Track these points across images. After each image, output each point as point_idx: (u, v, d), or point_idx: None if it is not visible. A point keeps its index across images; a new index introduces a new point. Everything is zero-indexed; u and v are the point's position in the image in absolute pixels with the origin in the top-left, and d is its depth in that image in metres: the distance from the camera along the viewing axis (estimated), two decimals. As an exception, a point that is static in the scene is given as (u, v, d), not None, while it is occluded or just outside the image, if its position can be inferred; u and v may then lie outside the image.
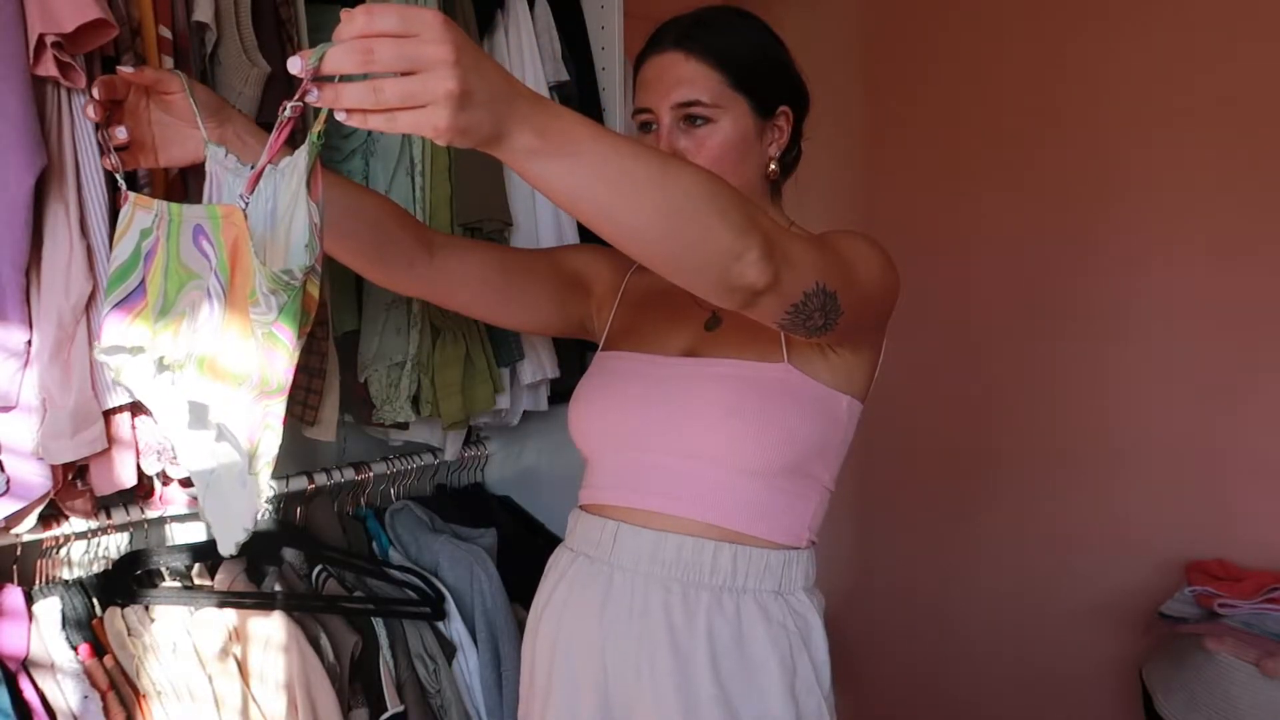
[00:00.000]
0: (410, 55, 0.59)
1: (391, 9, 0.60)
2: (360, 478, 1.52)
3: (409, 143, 1.42)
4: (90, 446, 1.03)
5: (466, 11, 1.47)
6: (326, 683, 1.24)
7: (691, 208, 0.74)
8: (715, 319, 1.10)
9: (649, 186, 0.72)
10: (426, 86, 0.60)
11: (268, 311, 0.71)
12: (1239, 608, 1.80)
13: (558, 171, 0.69)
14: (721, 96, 1.04)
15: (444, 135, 0.62)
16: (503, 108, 0.64)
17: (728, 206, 0.76)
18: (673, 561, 1.02)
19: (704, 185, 0.75)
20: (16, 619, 1.15)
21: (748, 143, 1.06)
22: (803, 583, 1.06)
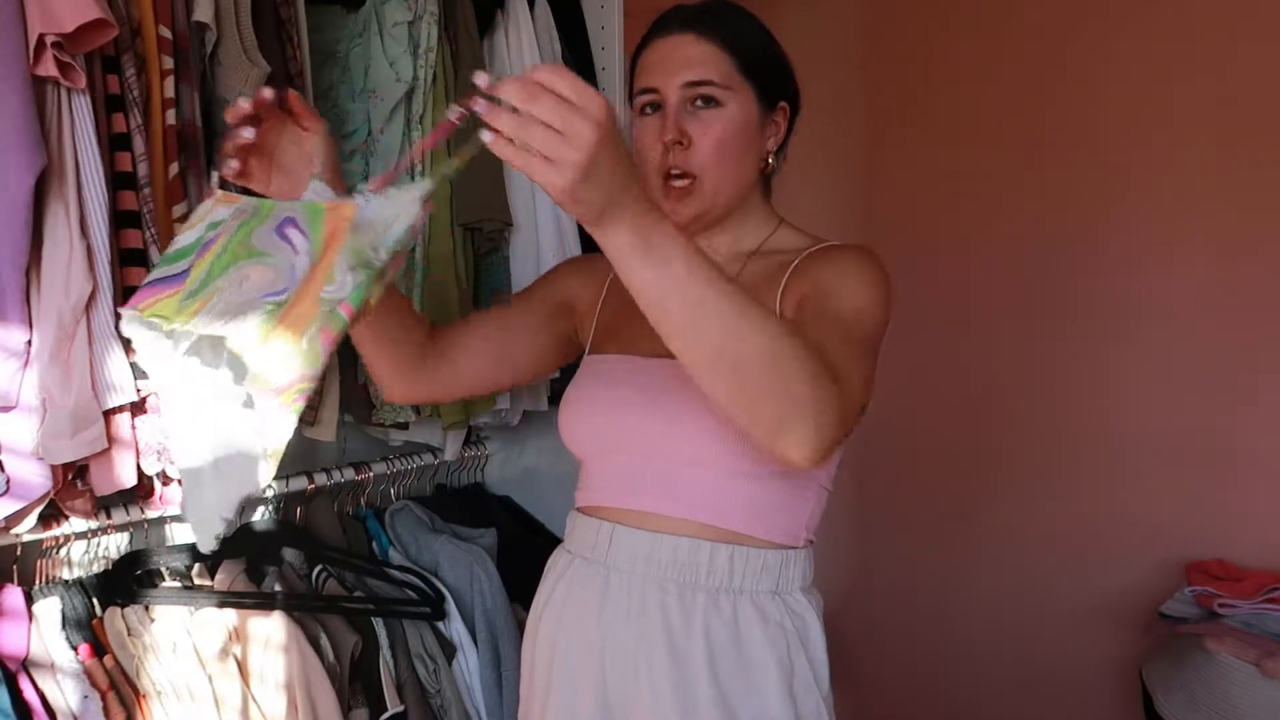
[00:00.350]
0: (564, 117, 0.66)
1: (573, 78, 0.67)
2: (360, 478, 1.52)
3: (408, 143, 1.42)
4: (90, 446, 1.03)
5: (467, 11, 1.47)
6: (326, 683, 1.24)
7: (759, 365, 0.76)
8: None
9: (721, 323, 0.75)
10: (564, 147, 0.66)
11: (340, 290, 0.72)
12: (1239, 608, 1.80)
13: (644, 275, 0.74)
14: (732, 79, 1.01)
15: (559, 195, 0.69)
16: (616, 198, 0.70)
17: (795, 378, 0.76)
18: (669, 562, 1.02)
19: (779, 345, 0.76)
20: (16, 619, 1.15)
21: (751, 131, 1.04)
22: (800, 583, 1.05)
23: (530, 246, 1.55)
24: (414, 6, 1.40)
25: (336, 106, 1.45)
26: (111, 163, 1.07)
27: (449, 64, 1.45)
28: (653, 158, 1.02)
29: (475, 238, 1.50)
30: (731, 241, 1.10)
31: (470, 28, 1.47)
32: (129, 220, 1.08)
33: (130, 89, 1.08)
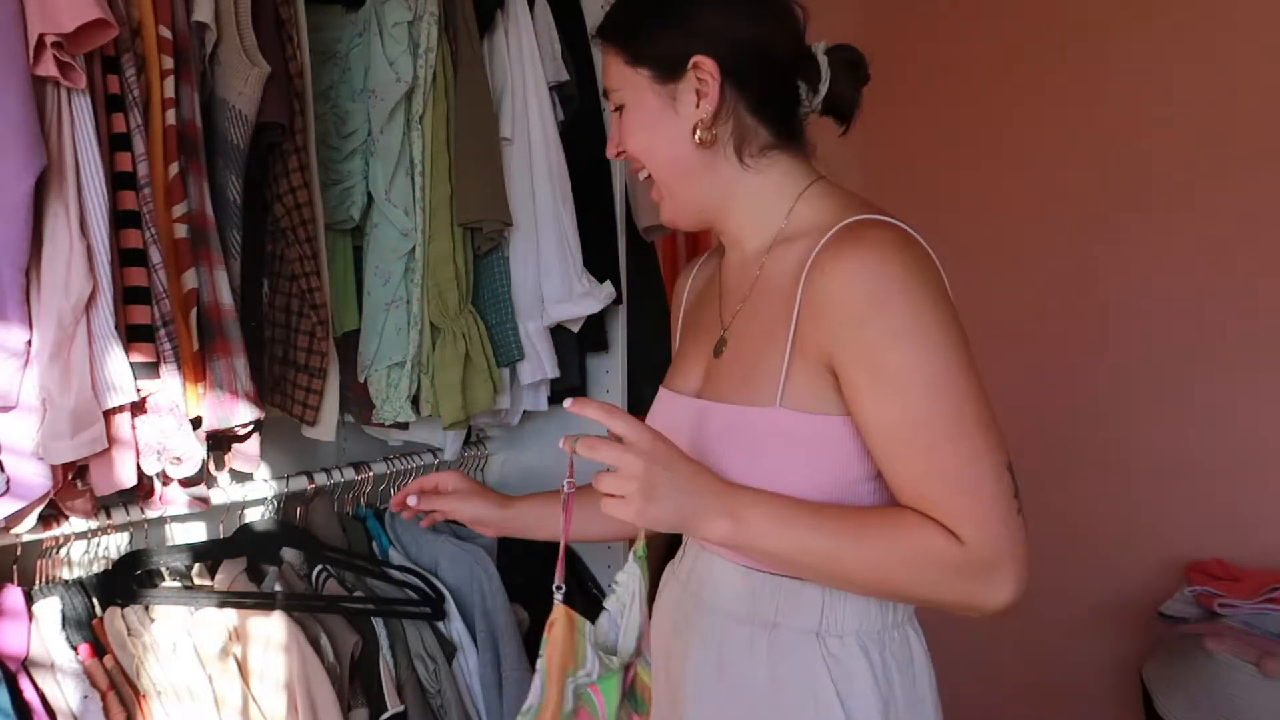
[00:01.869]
0: (618, 458, 0.81)
1: (623, 419, 0.82)
2: (360, 478, 1.52)
3: (408, 143, 1.42)
4: (90, 446, 1.03)
5: (467, 11, 1.47)
6: (327, 682, 1.24)
7: (891, 589, 0.87)
8: (722, 341, 0.99)
9: (835, 575, 0.87)
10: (624, 483, 0.81)
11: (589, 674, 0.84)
12: (1239, 608, 1.80)
13: (753, 554, 0.88)
14: (623, 76, 0.95)
15: (637, 521, 0.81)
16: (686, 508, 0.82)
17: (931, 586, 0.83)
18: (691, 579, 1.02)
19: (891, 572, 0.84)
20: (16, 619, 1.15)
21: (653, 116, 0.94)
22: (855, 625, 0.92)
23: (530, 246, 1.55)
24: (414, 6, 1.40)
25: (336, 106, 1.45)
26: (111, 163, 1.07)
27: (449, 64, 1.45)
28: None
29: (475, 238, 1.50)
30: (750, 232, 0.98)
31: (470, 28, 1.47)
32: (129, 220, 1.08)
33: (130, 89, 1.08)
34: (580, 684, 0.83)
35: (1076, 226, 2.20)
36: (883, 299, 0.82)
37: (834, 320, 0.84)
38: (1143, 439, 2.12)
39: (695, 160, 0.94)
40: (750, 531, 0.83)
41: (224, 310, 1.18)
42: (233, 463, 1.27)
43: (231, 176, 1.20)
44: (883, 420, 0.83)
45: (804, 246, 0.90)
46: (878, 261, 0.83)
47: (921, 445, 0.81)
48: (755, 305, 0.95)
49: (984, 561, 0.80)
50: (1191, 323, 2.04)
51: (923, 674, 0.96)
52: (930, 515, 0.81)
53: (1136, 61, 2.09)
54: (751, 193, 0.96)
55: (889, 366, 0.81)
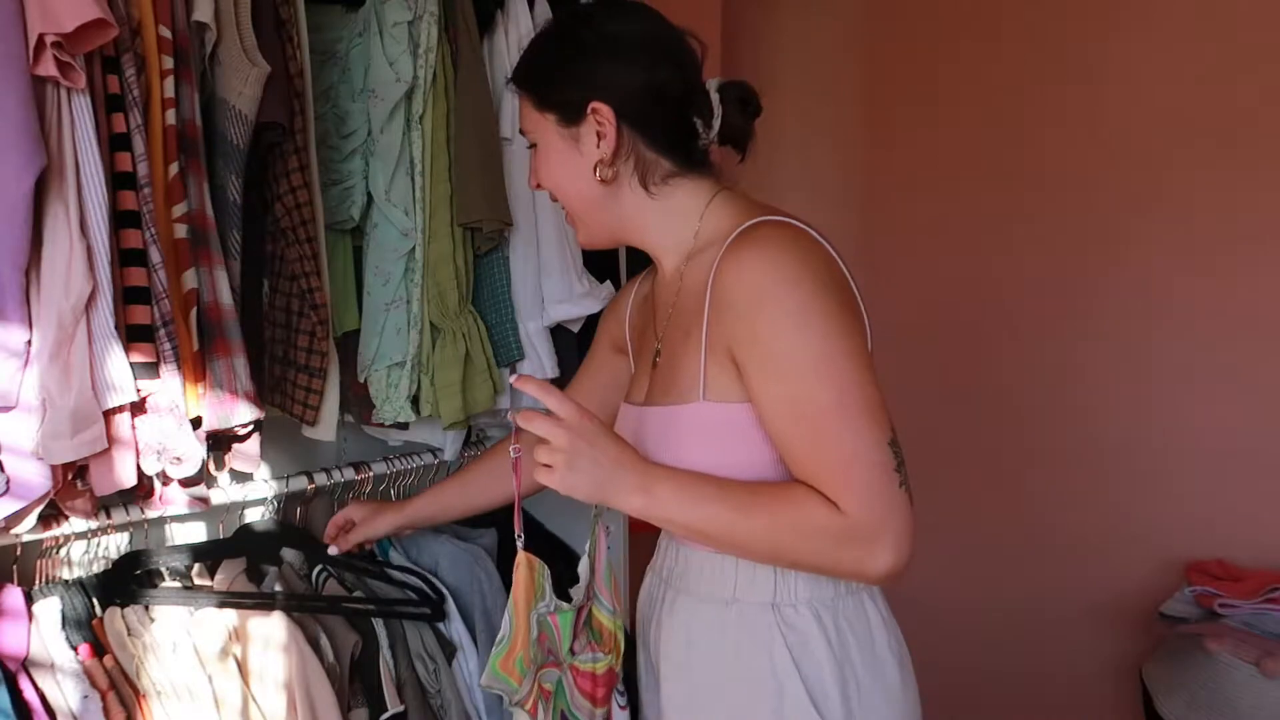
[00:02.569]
0: (547, 430, 0.90)
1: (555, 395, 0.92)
2: (360, 478, 1.52)
3: (408, 142, 1.42)
4: (90, 446, 1.03)
5: (467, 11, 1.47)
6: (326, 682, 1.24)
7: (784, 555, 0.93)
8: (658, 351, 1.09)
9: (735, 541, 0.94)
10: (549, 453, 0.91)
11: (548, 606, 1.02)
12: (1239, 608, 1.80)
13: (660, 525, 0.99)
14: (531, 120, 1.07)
15: (559, 487, 0.91)
16: (604, 481, 0.91)
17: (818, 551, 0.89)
18: (663, 566, 1.12)
19: (783, 539, 0.90)
20: (16, 619, 1.15)
21: (560, 155, 1.05)
22: (808, 594, 0.98)
23: (530, 246, 1.55)
24: (414, 6, 1.40)
25: (336, 106, 1.45)
26: (111, 163, 1.07)
27: (449, 64, 1.45)
28: None
29: (475, 238, 1.50)
30: (667, 249, 1.09)
31: (470, 28, 1.47)
32: (129, 220, 1.08)
33: (130, 89, 1.08)
34: (541, 614, 1.01)
35: (1078, 225, 2.20)
36: (770, 290, 0.90)
37: (731, 313, 0.93)
38: (1143, 439, 2.12)
39: (599, 194, 1.05)
40: (659, 504, 0.92)
41: (224, 310, 1.18)
42: (233, 463, 1.27)
43: (231, 176, 1.20)
44: (771, 401, 0.91)
45: (711, 254, 0.99)
46: (766, 257, 0.91)
47: (806, 423, 0.89)
48: (678, 315, 1.05)
49: (864, 531, 0.86)
50: (1191, 322, 2.04)
51: (880, 638, 1.01)
52: (817, 488, 0.88)
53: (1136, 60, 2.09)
54: (660, 215, 1.06)
55: (776, 351, 0.89)
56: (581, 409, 0.92)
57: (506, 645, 1.00)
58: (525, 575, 0.99)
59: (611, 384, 1.30)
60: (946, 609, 2.45)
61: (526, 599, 0.99)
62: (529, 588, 1.00)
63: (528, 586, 1.00)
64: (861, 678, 0.98)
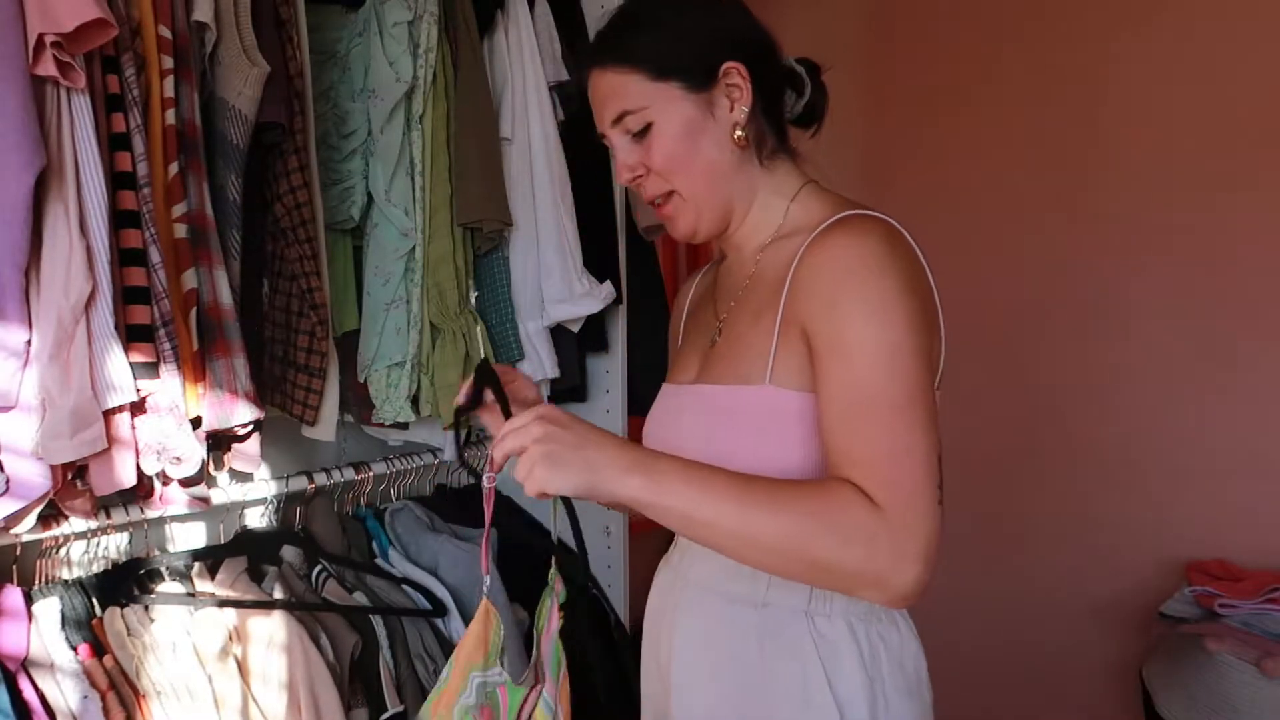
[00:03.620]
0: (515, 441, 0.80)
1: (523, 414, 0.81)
2: (360, 478, 1.52)
3: (408, 143, 1.42)
4: (90, 446, 1.03)
5: (467, 11, 1.47)
6: (330, 682, 1.23)
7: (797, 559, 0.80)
8: (717, 331, 1.03)
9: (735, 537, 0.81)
10: (525, 460, 0.79)
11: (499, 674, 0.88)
12: (1239, 608, 1.80)
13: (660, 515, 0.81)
14: (646, 95, 0.95)
15: (547, 488, 0.79)
16: (593, 466, 0.79)
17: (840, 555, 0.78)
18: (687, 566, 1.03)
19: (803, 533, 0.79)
20: (16, 619, 1.15)
21: (694, 126, 0.95)
22: (843, 603, 0.94)
23: (530, 246, 1.55)
24: (414, 6, 1.40)
25: (336, 106, 1.45)
26: (111, 162, 1.07)
27: (449, 64, 1.45)
28: (636, 192, 1.02)
29: (475, 238, 1.50)
30: (750, 232, 1.02)
31: (470, 28, 1.47)
32: (129, 220, 1.08)
33: (130, 89, 1.08)
34: (489, 682, 0.86)
35: (1073, 224, 2.20)
36: (856, 274, 0.85)
37: (811, 293, 0.88)
38: (1143, 439, 2.12)
39: (732, 163, 0.97)
40: (660, 485, 0.79)
41: (224, 310, 1.18)
42: (233, 463, 1.27)
43: (231, 176, 1.20)
44: (833, 384, 0.85)
45: (797, 241, 0.94)
46: (857, 244, 0.87)
47: (862, 412, 0.83)
48: (748, 296, 0.99)
49: (899, 533, 0.78)
50: (1192, 322, 2.04)
51: (910, 660, 0.97)
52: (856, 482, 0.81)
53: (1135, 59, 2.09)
54: (765, 193, 1.00)
55: (850, 335, 0.84)
56: (541, 405, 0.84)
57: (439, 691, 0.87)
58: (478, 629, 0.86)
59: None
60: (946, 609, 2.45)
61: (469, 657, 0.86)
62: (479, 643, 0.86)
63: (477, 641, 0.86)
64: (890, 697, 0.93)
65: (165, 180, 1.12)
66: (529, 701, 0.87)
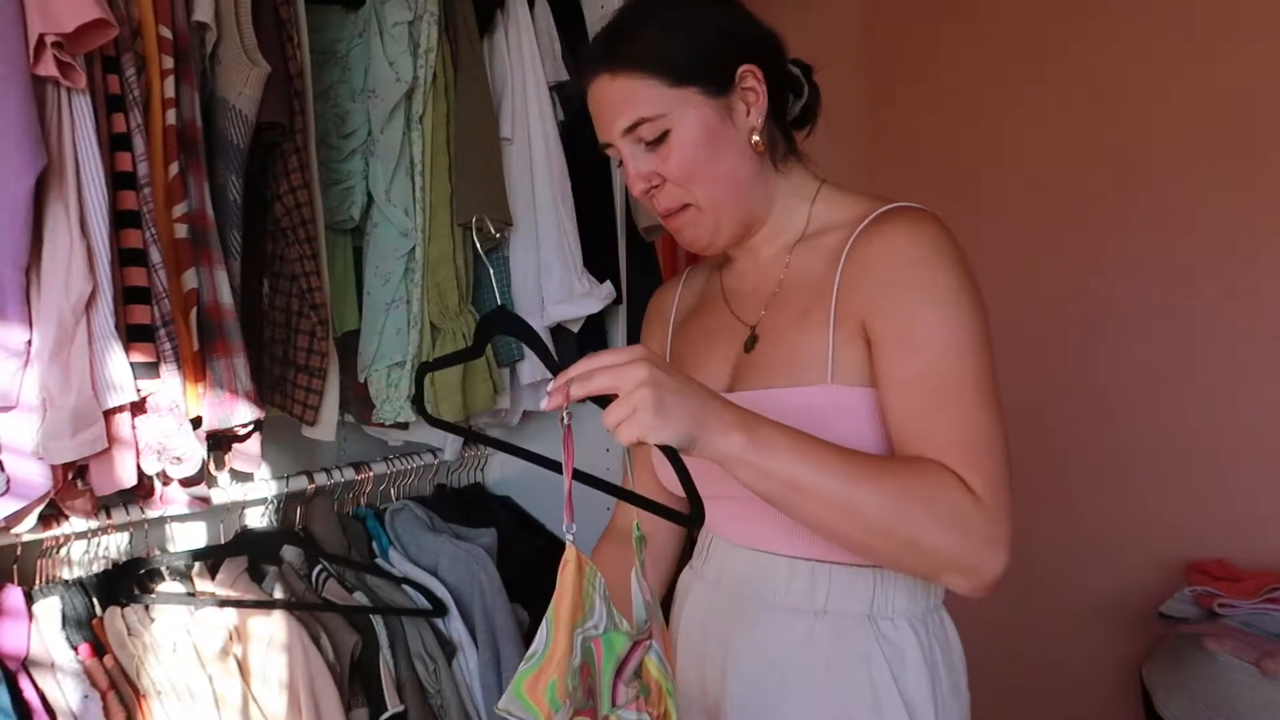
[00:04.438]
0: (614, 379, 0.74)
1: (609, 351, 0.76)
2: (360, 478, 1.52)
3: (408, 143, 1.42)
4: (90, 446, 1.03)
5: (467, 11, 1.47)
6: (330, 682, 1.24)
7: (891, 537, 0.78)
8: (753, 337, 0.99)
9: (833, 508, 0.78)
10: (626, 402, 0.73)
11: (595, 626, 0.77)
12: (1239, 608, 1.80)
13: (755, 476, 0.77)
14: (664, 102, 0.90)
15: (650, 435, 0.73)
16: (699, 416, 0.74)
17: (932, 534, 0.77)
18: (744, 577, 0.98)
19: (902, 509, 0.77)
20: (16, 618, 1.15)
21: (713, 131, 0.92)
22: (905, 606, 0.93)
23: (530, 246, 1.55)
24: (414, 6, 1.40)
25: (336, 106, 1.45)
26: (111, 163, 1.07)
27: (449, 64, 1.45)
28: (647, 204, 0.98)
29: (475, 238, 1.50)
30: (769, 236, 1.00)
31: (470, 28, 1.47)
32: (129, 220, 1.08)
33: (130, 89, 1.08)
34: (587, 635, 0.76)
35: (1074, 222, 2.20)
36: (920, 260, 0.85)
37: (870, 281, 0.87)
38: (1143, 438, 2.12)
39: (753, 169, 0.95)
40: (764, 446, 0.76)
41: (224, 310, 1.18)
42: (234, 463, 1.27)
43: (231, 176, 1.20)
44: (904, 374, 0.83)
45: (837, 237, 0.93)
46: (919, 233, 0.87)
47: (942, 399, 0.82)
48: (785, 299, 0.97)
49: (992, 518, 0.78)
50: (1192, 321, 2.04)
51: (957, 659, 0.97)
52: (948, 462, 0.80)
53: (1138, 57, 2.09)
54: (784, 196, 0.99)
55: (919, 323, 0.83)
56: (643, 346, 0.78)
57: (538, 663, 0.73)
58: (573, 577, 0.74)
59: None
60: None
61: (572, 609, 0.74)
62: (576, 595, 0.74)
63: (575, 593, 0.74)
64: (946, 695, 0.93)
65: (166, 180, 1.13)
66: (634, 655, 0.79)
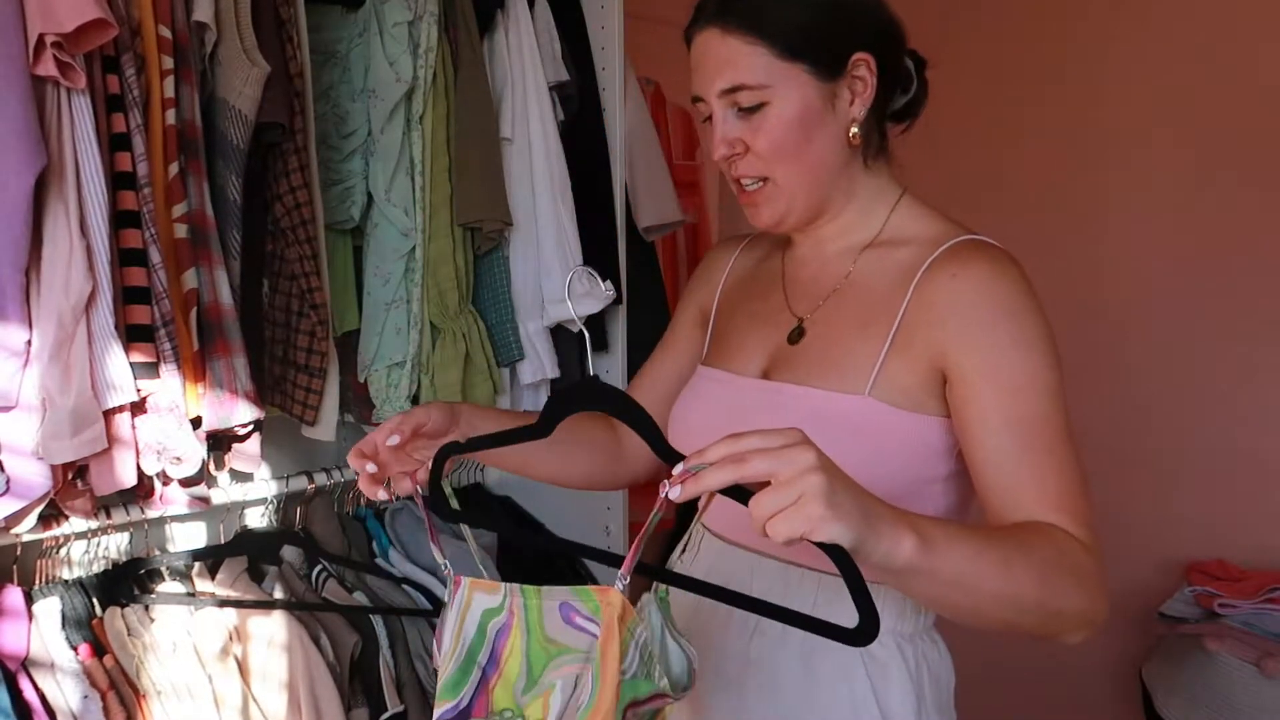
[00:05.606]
0: (778, 460, 0.61)
1: (754, 432, 0.64)
2: (360, 478, 1.51)
3: (408, 143, 1.42)
4: (90, 446, 1.03)
5: (467, 11, 1.47)
6: (330, 681, 1.24)
7: (1038, 612, 0.74)
8: (800, 330, 0.96)
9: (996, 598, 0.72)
10: (788, 489, 0.61)
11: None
12: (1239, 608, 1.80)
13: (928, 584, 0.70)
14: (769, 73, 0.87)
15: (817, 534, 0.61)
16: (868, 506, 0.64)
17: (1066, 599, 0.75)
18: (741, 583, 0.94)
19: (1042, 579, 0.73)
20: (16, 619, 1.15)
21: (812, 115, 0.88)
22: (892, 623, 0.91)
23: (530, 246, 1.55)
24: (414, 6, 1.40)
25: (336, 106, 1.45)
26: (111, 163, 1.07)
27: (449, 64, 1.45)
28: (724, 168, 0.94)
29: (475, 237, 1.50)
30: (840, 231, 0.97)
31: (470, 28, 1.47)
32: (129, 220, 1.08)
33: (130, 89, 1.08)
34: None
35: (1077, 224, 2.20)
36: (1013, 309, 0.85)
37: (962, 320, 0.85)
38: (1143, 439, 2.12)
39: (840, 161, 0.92)
40: (936, 550, 0.67)
41: (224, 310, 1.18)
42: (233, 463, 1.27)
43: (231, 176, 1.20)
44: (1002, 417, 0.82)
45: (910, 253, 0.91)
46: (1008, 277, 0.86)
47: (1043, 445, 0.81)
48: (844, 300, 0.94)
49: (1101, 568, 0.77)
50: (1191, 322, 2.04)
51: (945, 677, 0.96)
52: (1055, 518, 0.78)
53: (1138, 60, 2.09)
54: (865, 196, 0.96)
55: (1014, 369, 0.83)
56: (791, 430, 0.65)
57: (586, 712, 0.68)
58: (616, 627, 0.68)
59: (690, 367, 1.10)
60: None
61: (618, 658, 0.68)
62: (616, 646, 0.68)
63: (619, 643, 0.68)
64: (930, 714, 0.92)
65: (165, 180, 1.13)
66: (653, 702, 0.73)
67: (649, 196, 1.94)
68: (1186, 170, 2.03)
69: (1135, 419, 2.13)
